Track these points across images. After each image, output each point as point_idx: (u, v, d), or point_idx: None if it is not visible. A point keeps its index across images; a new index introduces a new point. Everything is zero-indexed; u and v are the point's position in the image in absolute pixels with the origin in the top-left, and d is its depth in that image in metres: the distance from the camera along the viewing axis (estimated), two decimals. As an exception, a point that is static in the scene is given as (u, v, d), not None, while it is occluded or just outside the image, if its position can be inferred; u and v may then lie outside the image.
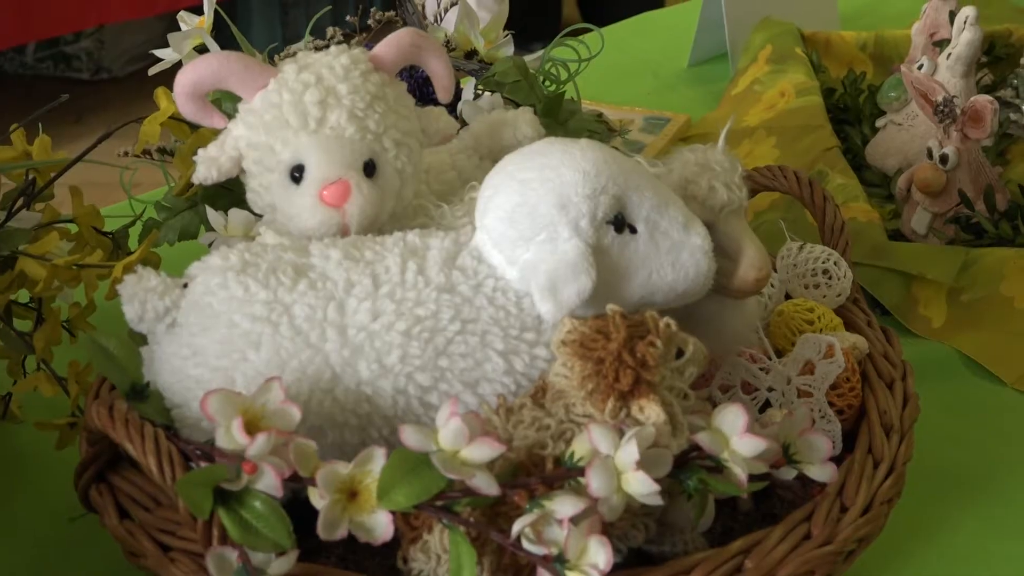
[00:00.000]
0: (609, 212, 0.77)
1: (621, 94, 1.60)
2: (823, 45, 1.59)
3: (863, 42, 1.61)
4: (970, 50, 1.33)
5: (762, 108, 1.47)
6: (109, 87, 3.95)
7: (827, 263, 0.97)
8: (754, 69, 1.54)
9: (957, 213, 1.24)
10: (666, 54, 1.71)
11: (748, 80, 1.53)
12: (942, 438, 1.03)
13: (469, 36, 1.27)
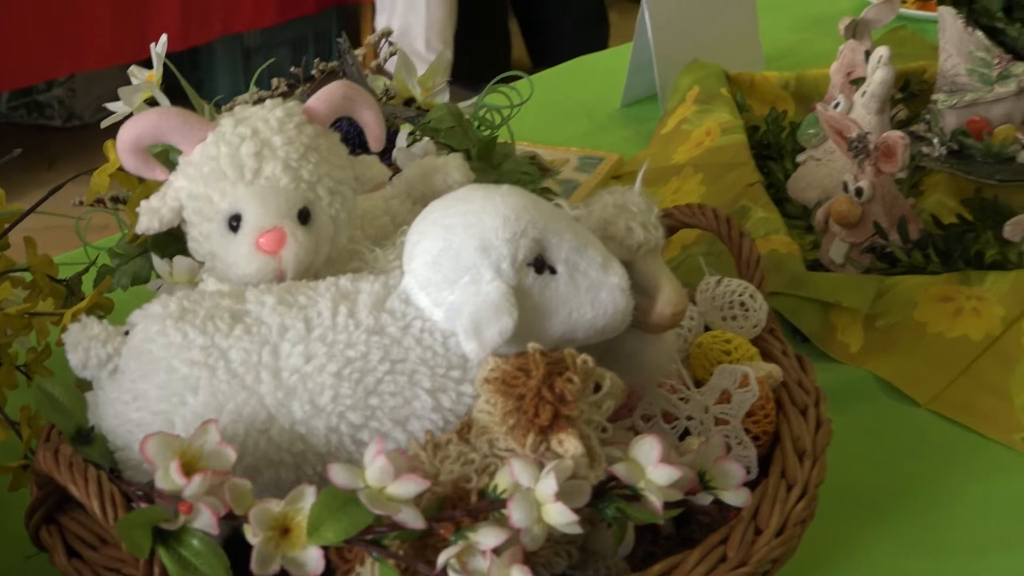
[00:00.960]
0: (529, 255, 0.77)
1: (557, 135, 1.61)
2: (747, 85, 1.60)
3: (785, 81, 1.63)
4: (883, 88, 1.34)
5: (690, 146, 1.48)
6: (81, 134, 3.95)
7: (743, 296, 0.98)
8: (682, 109, 1.55)
9: (872, 243, 1.25)
10: (600, 96, 1.71)
11: (677, 120, 1.54)
12: (859, 459, 1.04)
13: (407, 85, 1.27)
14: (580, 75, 1.82)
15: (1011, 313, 1.18)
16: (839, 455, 0.93)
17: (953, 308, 1.19)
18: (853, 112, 1.36)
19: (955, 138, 1.41)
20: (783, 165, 1.45)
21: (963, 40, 1.37)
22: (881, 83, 1.34)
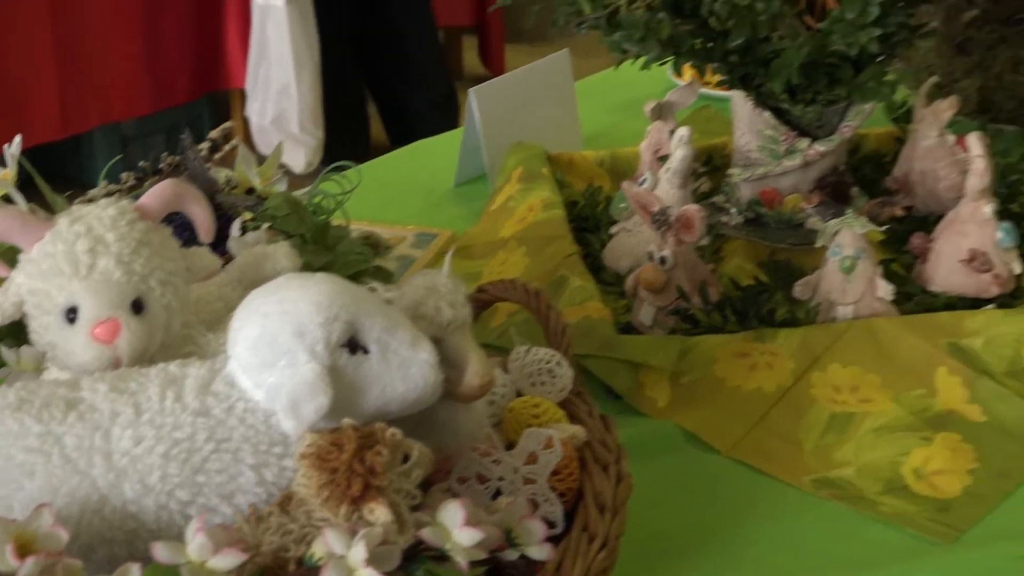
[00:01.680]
0: (343, 337, 0.78)
1: (396, 214, 1.62)
2: (567, 164, 1.63)
3: (601, 159, 1.65)
4: (683, 165, 1.37)
5: (514, 222, 1.50)
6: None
7: (551, 363, 0.99)
8: (508, 188, 1.57)
9: (676, 306, 1.27)
10: (435, 176, 1.73)
11: (503, 197, 1.56)
12: (665, 506, 1.06)
13: (247, 175, 1.27)
14: (418, 158, 1.83)
15: (800, 366, 1.22)
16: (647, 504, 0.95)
17: (749, 363, 1.22)
18: (659, 187, 1.39)
19: (751, 207, 1.45)
20: (599, 236, 1.47)
21: (753, 120, 1.41)
22: (682, 160, 1.38)
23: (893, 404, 1.18)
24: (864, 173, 1.57)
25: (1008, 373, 1.20)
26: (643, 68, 1.33)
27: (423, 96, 4.29)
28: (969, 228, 1.32)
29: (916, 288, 1.34)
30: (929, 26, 1.65)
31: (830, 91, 1.32)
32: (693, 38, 1.31)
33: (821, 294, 1.29)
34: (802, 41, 1.26)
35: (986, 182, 1.32)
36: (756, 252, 1.43)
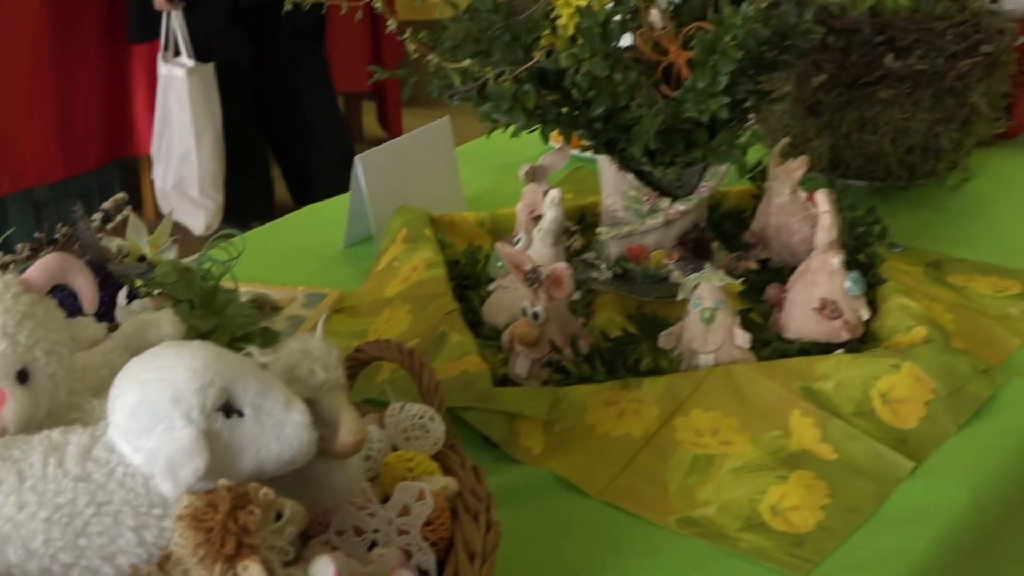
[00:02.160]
0: (217, 401, 0.78)
1: (288, 275, 1.61)
2: (448, 225, 1.64)
3: (481, 220, 1.66)
4: (555, 225, 1.39)
5: (399, 281, 1.50)
6: None
7: (424, 418, 1.00)
8: (393, 249, 1.57)
9: (549, 358, 1.29)
10: (325, 239, 1.73)
11: (389, 258, 1.56)
12: (540, 548, 1.06)
13: (138, 244, 1.27)
14: (309, 222, 1.83)
15: (665, 412, 1.23)
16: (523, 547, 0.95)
17: (617, 411, 1.24)
18: (533, 246, 1.41)
19: (618, 263, 1.46)
20: (479, 293, 1.48)
21: (618, 182, 1.43)
22: (553, 220, 1.40)
23: (751, 445, 1.20)
24: (725, 228, 1.60)
25: (856, 413, 1.23)
26: (512, 136, 1.34)
27: (324, 159, 4.29)
28: (820, 278, 1.36)
29: (772, 335, 1.37)
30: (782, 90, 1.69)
31: (687, 154, 1.35)
32: (558, 107, 1.33)
33: (684, 343, 1.31)
34: (658, 109, 1.29)
35: (833, 235, 1.36)
36: (625, 305, 1.44)
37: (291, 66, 4.27)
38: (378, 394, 1.25)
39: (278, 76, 4.27)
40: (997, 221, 1.73)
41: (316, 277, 1.61)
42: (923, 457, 1.19)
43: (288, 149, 4.50)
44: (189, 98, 3.97)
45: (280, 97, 4.34)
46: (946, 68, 1.67)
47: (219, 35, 4.06)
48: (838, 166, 1.74)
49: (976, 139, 1.79)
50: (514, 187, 1.58)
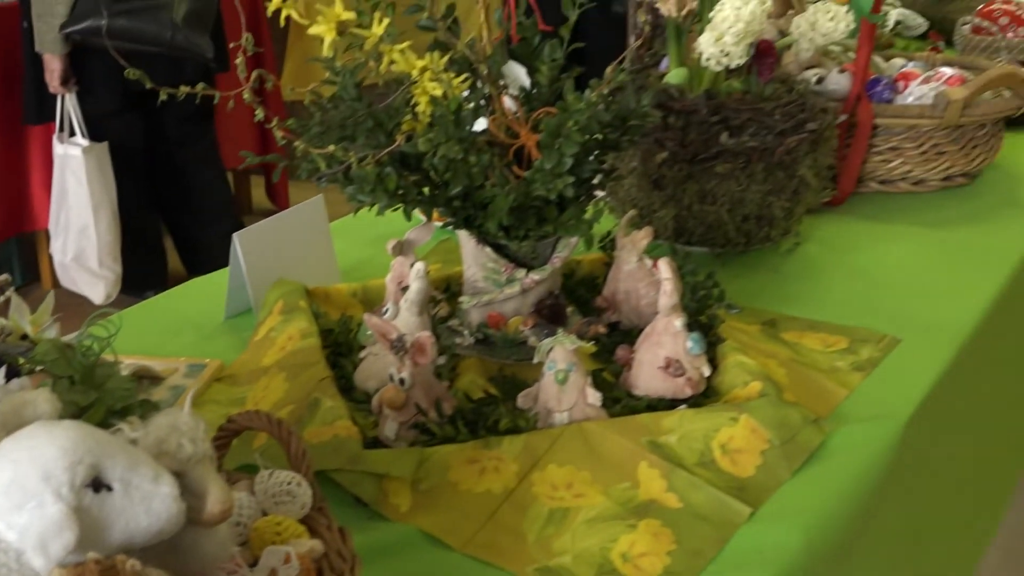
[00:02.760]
0: (87, 478, 0.77)
1: (171, 346, 1.59)
2: (323, 296, 1.63)
3: (354, 291, 1.66)
4: (420, 296, 1.40)
5: (275, 350, 1.49)
6: None
7: (291, 484, 0.99)
8: (270, 320, 1.56)
9: (416, 421, 1.29)
10: (207, 311, 1.71)
11: (266, 329, 1.55)
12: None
13: (20, 323, 1.24)
14: (192, 295, 1.81)
15: (523, 468, 1.24)
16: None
17: (479, 468, 1.24)
18: (400, 315, 1.41)
19: (480, 329, 1.47)
20: (351, 359, 1.47)
21: (477, 254, 1.45)
22: (418, 291, 1.40)
23: (603, 497, 1.21)
24: (579, 294, 1.62)
25: (699, 464, 1.25)
26: (377, 215, 1.35)
27: (214, 231, 4.25)
28: (664, 339, 1.38)
29: (622, 393, 1.38)
30: (629, 166, 1.73)
31: (539, 228, 1.37)
32: (419, 188, 1.34)
33: (540, 403, 1.32)
34: (510, 188, 1.30)
35: (675, 300, 1.38)
36: (486, 368, 1.45)
37: (180, 145, 4.26)
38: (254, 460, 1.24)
39: (168, 155, 4.25)
40: (825, 282, 1.78)
41: (198, 348, 1.60)
42: (760, 502, 1.21)
43: (180, 223, 4.47)
44: (85, 175, 3.96)
45: (171, 174, 4.32)
46: (776, 144, 1.72)
47: (112, 117, 4.04)
48: (682, 234, 1.78)
49: (805, 207, 1.84)
50: (387, 259, 1.58)
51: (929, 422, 1.47)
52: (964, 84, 2.07)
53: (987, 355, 1.72)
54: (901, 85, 2.13)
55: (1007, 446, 2.04)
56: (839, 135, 1.99)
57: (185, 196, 4.34)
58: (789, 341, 1.57)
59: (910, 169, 2.08)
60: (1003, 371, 1.88)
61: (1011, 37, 2.74)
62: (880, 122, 2.04)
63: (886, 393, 1.45)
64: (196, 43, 3.81)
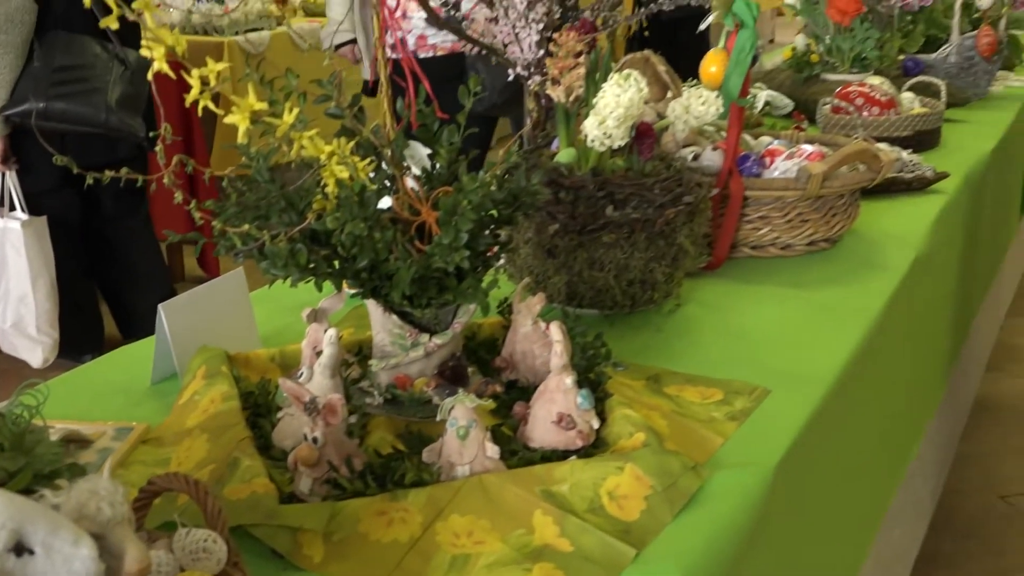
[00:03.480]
0: (9, 543, 0.76)
1: (100, 411, 1.57)
2: (243, 361, 1.62)
3: (272, 356, 1.65)
4: (332, 360, 1.39)
5: (198, 413, 1.47)
6: None
7: (207, 541, 0.98)
8: (194, 384, 1.55)
9: (329, 476, 1.28)
10: (134, 377, 1.68)
11: (190, 393, 1.54)
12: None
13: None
14: (120, 362, 1.78)
15: (428, 518, 1.24)
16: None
17: (387, 520, 1.23)
18: (314, 378, 1.41)
19: (388, 390, 1.47)
20: (270, 420, 1.46)
21: (385, 321, 1.45)
22: (330, 356, 1.40)
23: (501, 543, 1.21)
24: (479, 355, 1.63)
25: (588, 510, 1.26)
26: (290, 287, 1.35)
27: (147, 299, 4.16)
28: (557, 396, 1.39)
29: (519, 446, 1.39)
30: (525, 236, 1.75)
31: (440, 297, 1.38)
32: (328, 262, 1.34)
33: (444, 457, 1.32)
34: (412, 261, 1.31)
35: (566, 360, 1.40)
36: (394, 426, 1.45)
37: (115, 219, 4.22)
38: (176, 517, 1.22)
39: (104, 228, 4.21)
40: (703, 339, 1.80)
41: (125, 412, 1.57)
42: (644, 544, 1.22)
43: (115, 291, 4.41)
44: (24, 248, 3.92)
45: (106, 246, 4.28)
46: (656, 216, 1.75)
47: (50, 193, 4.00)
48: (573, 298, 1.79)
49: (684, 272, 1.87)
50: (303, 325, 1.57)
51: (797, 466, 1.49)
52: (824, 159, 2.12)
53: (848, 404, 1.76)
54: (768, 160, 2.17)
55: (870, 488, 2.08)
56: (713, 206, 2.02)
57: (119, 266, 4.29)
58: (670, 394, 1.58)
59: (778, 236, 2.12)
60: (863, 418, 1.91)
61: (866, 116, 2.82)
62: (750, 194, 2.08)
63: (758, 440, 1.47)
64: (129, 124, 3.79)
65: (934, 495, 3.04)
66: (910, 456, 2.38)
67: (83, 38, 3.70)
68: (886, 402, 2.10)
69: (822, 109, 2.91)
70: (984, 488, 3.42)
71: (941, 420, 2.88)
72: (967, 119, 3.28)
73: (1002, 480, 3.46)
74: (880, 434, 2.09)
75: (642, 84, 1.72)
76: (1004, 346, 4.31)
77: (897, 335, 2.11)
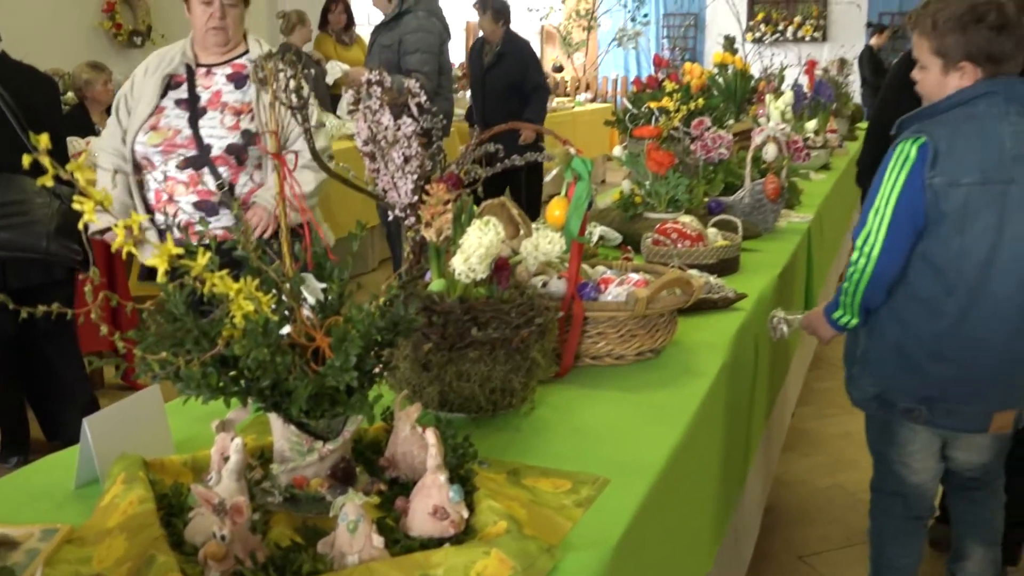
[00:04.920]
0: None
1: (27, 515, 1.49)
2: (159, 466, 1.56)
3: (185, 461, 1.60)
4: (238, 465, 1.36)
5: (118, 514, 1.41)
6: None
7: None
8: (114, 488, 1.48)
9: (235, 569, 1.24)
10: (59, 483, 1.60)
11: (110, 496, 1.47)
12: None
13: None
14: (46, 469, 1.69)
15: (322, 603, 1.21)
16: None
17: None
18: (222, 482, 1.37)
19: (287, 490, 1.44)
20: (183, 519, 1.41)
21: (284, 430, 1.42)
22: (236, 462, 1.37)
23: (386, 622, 1.19)
24: (367, 456, 1.61)
25: (459, 590, 1.25)
26: (203, 404, 1.32)
27: (71, 405, 4.03)
28: (432, 491, 1.38)
29: (401, 535, 1.37)
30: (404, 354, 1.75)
31: (332, 410, 1.36)
32: (236, 382, 1.32)
33: (336, 548, 1.30)
34: (308, 381, 1.30)
35: (439, 460, 1.39)
36: (293, 521, 1.41)
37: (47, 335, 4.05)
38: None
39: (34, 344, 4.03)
40: (554, 437, 1.81)
41: (51, 515, 1.50)
42: (509, 617, 1.21)
43: (41, 398, 4.21)
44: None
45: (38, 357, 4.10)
46: (513, 335, 1.77)
47: (-11, 314, 3.82)
48: (445, 405, 1.79)
49: (537, 380, 1.89)
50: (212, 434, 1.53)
51: (634, 543, 1.51)
52: (648, 285, 2.18)
53: (674, 487, 1.78)
54: (603, 287, 2.23)
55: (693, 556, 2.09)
56: (560, 326, 2.06)
57: (47, 376, 4.11)
58: (528, 486, 1.59)
59: (612, 348, 2.16)
60: (687, 498, 1.94)
61: (680, 247, 2.91)
62: (589, 315, 2.12)
63: (600, 523, 1.48)
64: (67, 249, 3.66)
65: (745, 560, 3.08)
66: (726, 527, 2.42)
67: (21, 178, 3.59)
68: (704, 483, 2.14)
69: (645, 242, 2.99)
70: (786, 551, 3.48)
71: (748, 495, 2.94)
72: (759, 249, 3.41)
73: (801, 543, 3.54)
74: (700, 510, 2.12)
75: (499, 228, 1.76)
76: (795, 430, 4.44)
77: (711, 427, 2.16)
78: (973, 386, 2.35)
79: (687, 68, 4.20)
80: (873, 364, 2.48)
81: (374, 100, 1.75)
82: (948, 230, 2.26)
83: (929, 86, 2.41)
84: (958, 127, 2.28)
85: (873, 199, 2.31)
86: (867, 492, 2.79)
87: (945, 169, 2.24)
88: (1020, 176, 2.23)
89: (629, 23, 14.24)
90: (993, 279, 2.24)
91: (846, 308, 2.46)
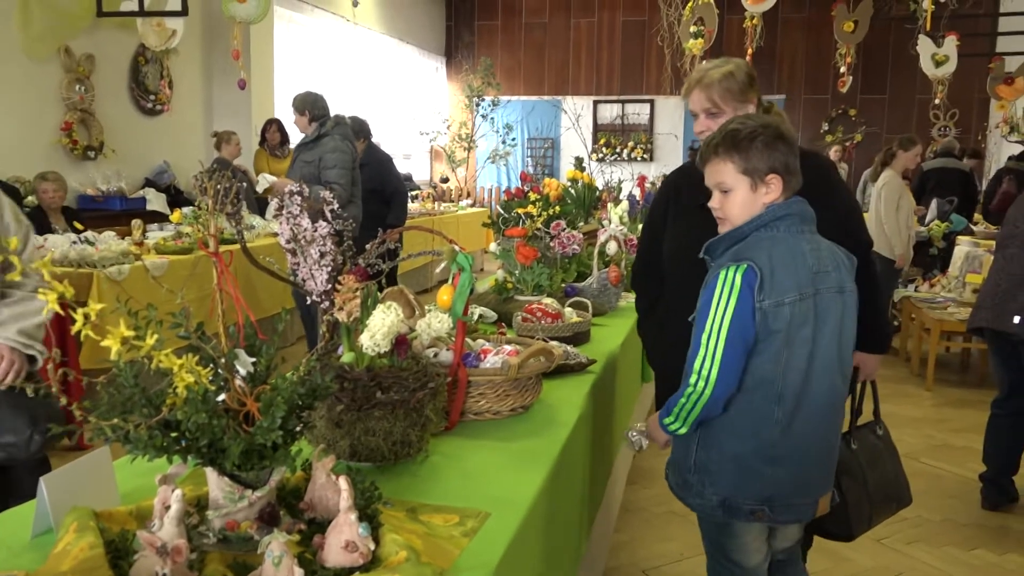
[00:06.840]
0: None
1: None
2: (107, 516, 1.47)
3: (131, 510, 1.51)
4: (178, 513, 1.30)
5: (70, 560, 1.32)
6: None
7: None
8: (67, 537, 1.39)
9: (174, 603, 1.18)
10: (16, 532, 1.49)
11: (63, 544, 1.38)
12: None
13: None
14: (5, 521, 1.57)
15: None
16: None
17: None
18: (164, 527, 1.31)
19: (221, 532, 1.39)
20: (129, 561, 1.33)
21: (219, 481, 1.38)
22: (176, 511, 1.31)
23: (305, 642, 1.15)
24: (289, 501, 1.55)
25: (369, 613, 1.21)
26: (148, 462, 1.27)
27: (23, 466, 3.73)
28: (344, 528, 1.35)
29: (318, 567, 1.33)
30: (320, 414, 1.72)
31: (261, 463, 1.33)
32: (177, 442, 1.28)
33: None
34: (240, 440, 1.27)
35: (350, 502, 1.37)
36: (226, 559, 1.35)
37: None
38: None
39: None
40: (445, 479, 1.80)
41: (8, 562, 1.40)
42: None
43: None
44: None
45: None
46: (410, 397, 1.77)
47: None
48: (354, 456, 1.76)
49: (430, 433, 1.88)
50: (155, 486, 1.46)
51: (510, 565, 1.50)
52: (518, 354, 2.21)
53: (542, 518, 1.79)
54: (482, 356, 2.25)
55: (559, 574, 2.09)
56: (448, 388, 2.06)
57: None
58: (424, 520, 1.57)
59: (491, 406, 2.17)
60: (552, 526, 1.95)
61: (544, 323, 2.96)
62: (472, 379, 2.13)
63: (483, 549, 1.48)
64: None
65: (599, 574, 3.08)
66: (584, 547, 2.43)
67: None
68: (567, 512, 2.15)
69: (516, 319, 3.02)
70: (632, 565, 3.50)
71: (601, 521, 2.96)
72: (605, 323, 3.49)
73: (644, 559, 3.56)
74: (564, 534, 2.13)
75: (399, 310, 1.77)
76: (637, 467, 4.50)
77: (571, 467, 2.18)
78: (804, 480, 2.11)
79: (547, 182, 4.33)
80: (713, 475, 2.11)
81: (295, 206, 1.75)
82: (778, 346, 1.99)
83: (737, 207, 2.05)
84: (773, 250, 2.00)
85: (703, 324, 1.99)
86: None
87: (772, 291, 1.97)
88: (823, 288, 2.04)
89: (500, 145, 14.61)
90: (812, 384, 2.03)
91: (680, 420, 2.09)
